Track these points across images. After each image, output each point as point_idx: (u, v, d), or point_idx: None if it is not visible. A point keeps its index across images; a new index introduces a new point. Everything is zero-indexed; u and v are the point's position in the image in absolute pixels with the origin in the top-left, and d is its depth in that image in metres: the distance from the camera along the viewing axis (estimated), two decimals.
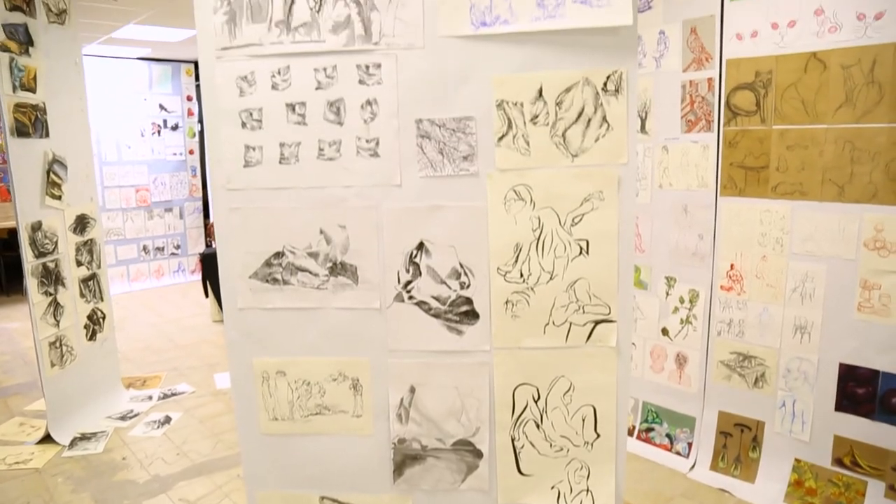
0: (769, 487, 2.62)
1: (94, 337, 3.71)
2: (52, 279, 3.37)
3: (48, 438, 3.30)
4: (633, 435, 3.12)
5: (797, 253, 2.53)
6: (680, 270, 2.93)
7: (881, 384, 2.35)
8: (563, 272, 1.48)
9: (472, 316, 1.53)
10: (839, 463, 2.46)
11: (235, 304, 1.60)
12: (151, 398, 3.89)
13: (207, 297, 5.65)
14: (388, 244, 1.52)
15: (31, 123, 3.24)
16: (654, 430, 3.08)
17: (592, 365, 1.52)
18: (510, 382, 1.56)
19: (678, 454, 2.96)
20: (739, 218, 2.68)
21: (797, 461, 2.58)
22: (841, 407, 2.45)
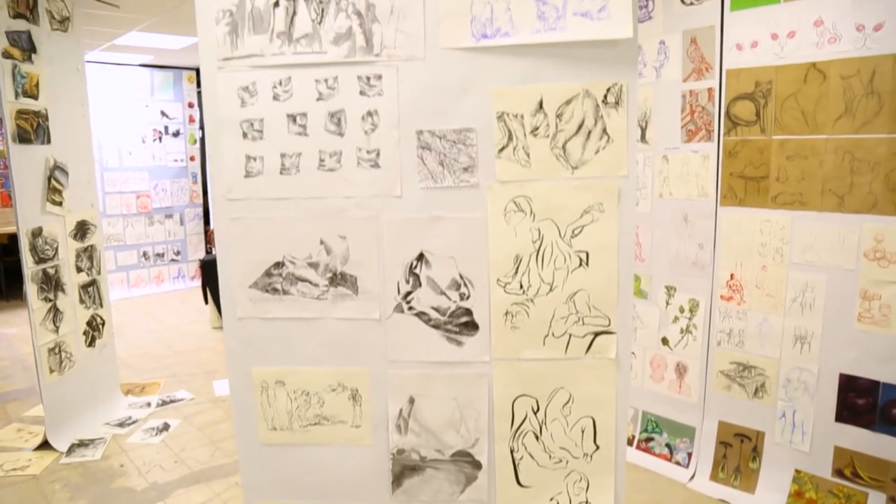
0: (769, 498, 2.61)
1: (93, 343, 3.71)
2: (51, 285, 3.37)
3: (46, 445, 3.29)
4: (632, 444, 3.11)
5: (797, 263, 2.53)
6: (680, 280, 2.93)
7: (881, 395, 2.35)
8: (562, 284, 1.48)
9: (471, 327, 1.53)
10: (839, 474, 2.45)
11: (235, 313, 1.60)
12: (150, 405, 3.88)
13: (207, 303, 5.65)
14: (388, 255, 1.52)
15: (32, 130, 3.25)
16: (653, 439, 3.07)
17: (592, 377, 1.52)
18: (509, 394, 1.55)
19: (678, 464, 2.95)
20: (739, 228, 2.68)
21: (797, 472, 2.57)
22: (841, 417, 2.45)
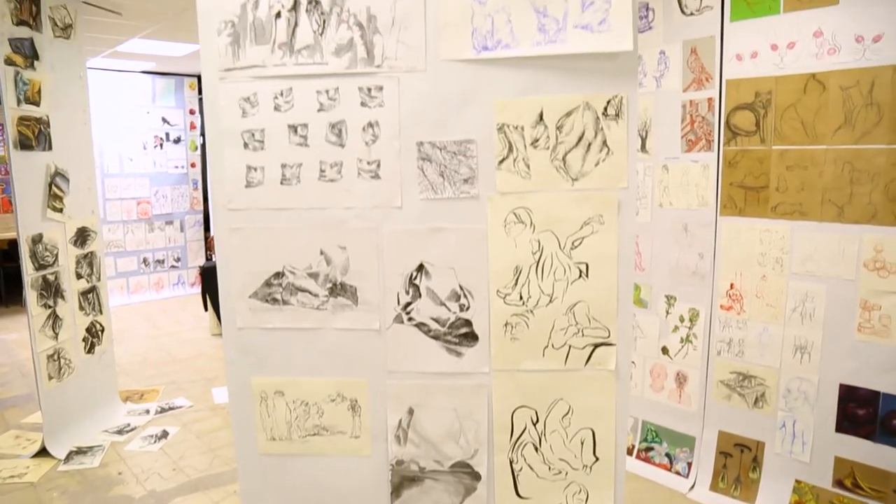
0: None
1: (92, 350, 3.70)
2: (51, 292, 3.37)
3: (44, 452, 3.28)
4: (632, 454, 3.10)
5: (797, 273, 2.53)
6: (680, 289, 2.93)
7: (882, 405, 2.34)
8: (562, 295, 1.48)
9: (471, 338, 1.53)
10: (840, 485, 2.44)
11: (235, 323, 1.60)
12: (149, 412, 3.87)
13: (207, 310, 5.64)
14: (388, 265, 1.53)
15: (34, 136, 3.26)
16: (653, 449, 3.06)
17: (591, 388, 1.52)
18: (509, 405, 1.55)
19: (678, 474, 2.94)
20: (739, 237, 2.68)
21: (798, 482, 2.56)
22: (841, 428, 2.44)
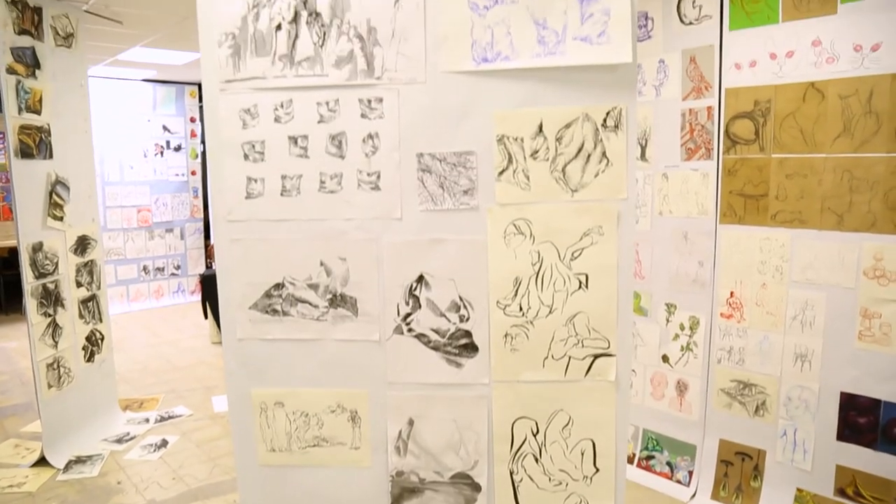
0: None
1: (92, 358, 3.69)
2: (51, 300, 3.37)
3: (43, 461, 3.27)
4: (633, 463, 3.09)
5: (797, 281, 2.53)
6: (680, 297, 2.92)
7: (883, 413, 2.34)
8: (562, 306, 1.48)
9: (471, 349, 1.53)
10: (842, 493, 2.43)
11: (235, 334, 1.60)
12: (148, 421, 3.86)
13: (206, 318, 5.64)
14: (388, 277, 1.53)
15: (35, 145, 3.27)
16: (654, 457, 3.05)
17: (591, 399, 1.51)
18: (509, 416, 1.55)
19: (679, 482, 2.93)
20: (739, 246, 2.68)
21: (799, 491, 2.55)
22: (843, 436, 2.43)
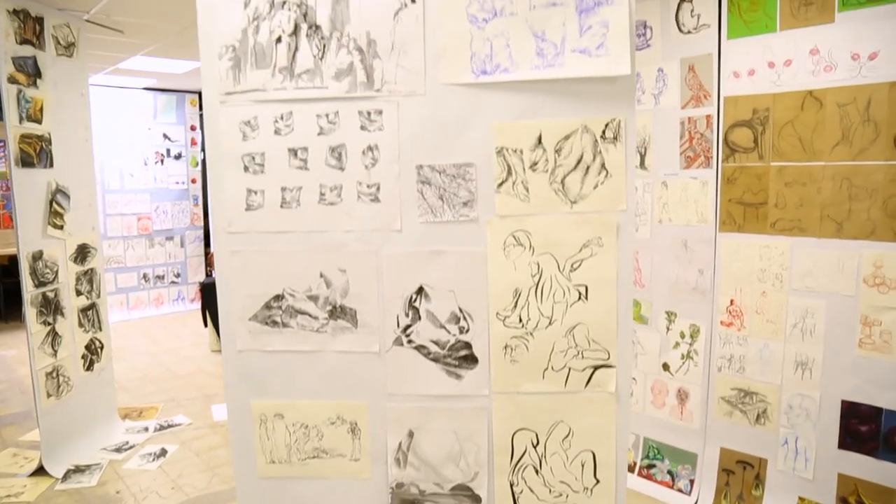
0: None
1: (91, 367, 3.69)
2: (51, 309, 3.37)
3: (41, 470, 3.25)
4: (634, 471, 3.08)
5: (797, 289, 2.52)
6: (680, 305, 2.92)
7: (884, 422, 2.33)
8: (562, 317, 1.48)
9: (471, 360, 1.53)
10: (844, 502, 2.43)
11: (235, 346, 1.60)
12: (147, 429, 3.85)
13: (206, 326, 5.63)
14: (387, 288, 1.53)
15: (35, 154, 3.27)
16: (655, 466, 3.04)
17: (591, 410, 1.51)
18: (509, 427, 1.55)
19: (680, 491, 2.92)
20: (739, 254, 2.68)
21: (801, 499, 2.54)
22: (844, 444, 2.43)
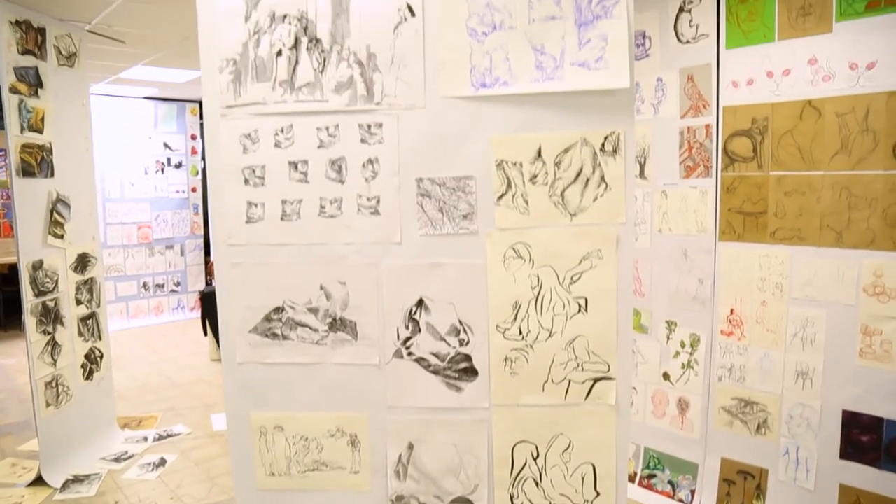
0: None
1: (90, 376, 3.68)
2: (50, 318, 3.37)
3: (40, 480, 3.24)
4: (634, 481, 3.07)
5: (797, 298, 2.52)
6: (680, 315, 2.92)
7: (886, 431, 2.32)
8: (561, 330, 1.48)
9: (470, 373, 1.53)
10: None
11: (234, 358, 1.60)
12: (147, 439, 3.84)
13: (206, 335, 5.62)
14: (387, 301, 1.53)
15: (36, 163, 3.28)
16: (656, 476, 3.03)
17: (591, 422, 1.51)
18: (509, 440, 1.54)
19: (681, 501, 2.91)
20: (738, 263, 2.68)
21: None
22: (846, 455, 2.42)
